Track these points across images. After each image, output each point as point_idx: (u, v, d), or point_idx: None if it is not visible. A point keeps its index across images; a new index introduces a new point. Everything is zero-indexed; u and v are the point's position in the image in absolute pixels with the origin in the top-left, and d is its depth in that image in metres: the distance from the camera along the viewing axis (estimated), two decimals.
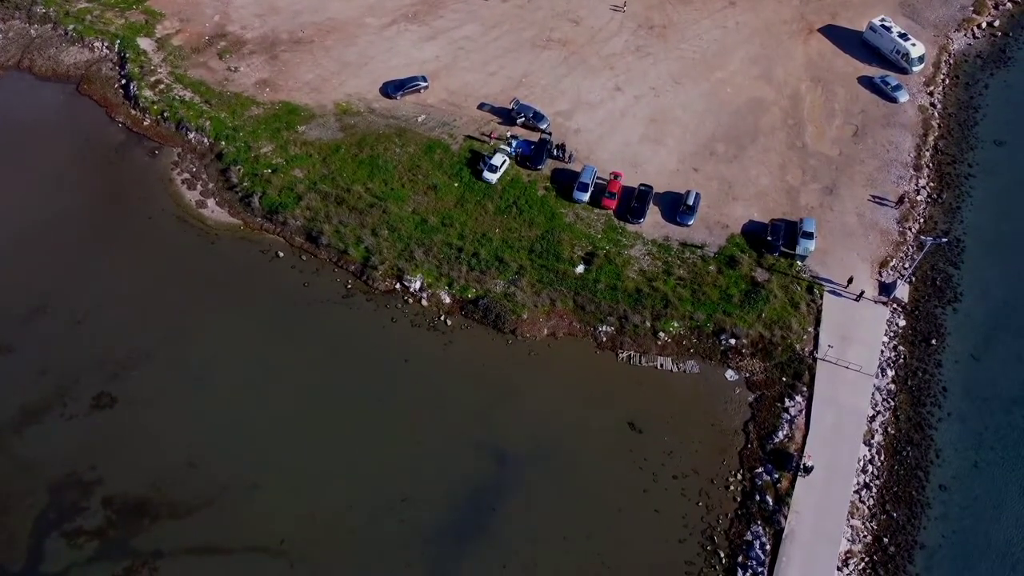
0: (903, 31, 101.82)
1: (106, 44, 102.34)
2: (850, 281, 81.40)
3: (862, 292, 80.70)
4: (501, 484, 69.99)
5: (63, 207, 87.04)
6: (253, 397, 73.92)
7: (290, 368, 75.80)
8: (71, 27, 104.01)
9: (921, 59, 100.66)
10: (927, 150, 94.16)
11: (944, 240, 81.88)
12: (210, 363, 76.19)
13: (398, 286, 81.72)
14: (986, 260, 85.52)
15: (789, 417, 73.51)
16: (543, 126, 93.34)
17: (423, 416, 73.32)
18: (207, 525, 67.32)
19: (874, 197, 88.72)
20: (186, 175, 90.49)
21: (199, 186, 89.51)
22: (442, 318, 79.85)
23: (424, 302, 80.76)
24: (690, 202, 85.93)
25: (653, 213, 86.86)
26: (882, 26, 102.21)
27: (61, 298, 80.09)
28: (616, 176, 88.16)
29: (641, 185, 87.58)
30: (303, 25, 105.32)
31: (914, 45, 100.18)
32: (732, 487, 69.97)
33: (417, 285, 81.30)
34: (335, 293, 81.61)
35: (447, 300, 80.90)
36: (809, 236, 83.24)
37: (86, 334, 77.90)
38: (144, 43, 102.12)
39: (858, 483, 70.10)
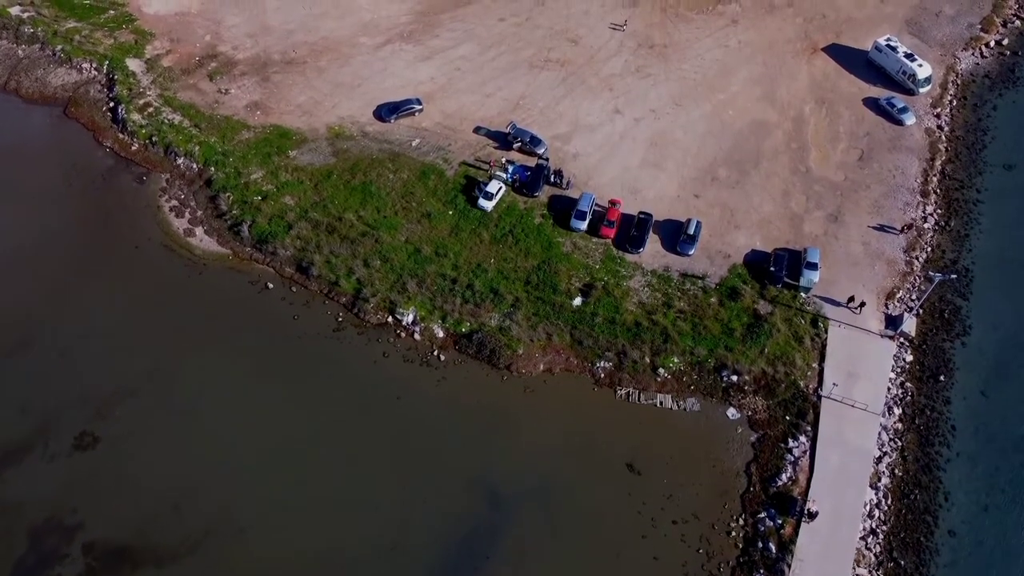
0: (909, 51, 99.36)
1: (94, 65, 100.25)
2: (851, 300, 79.55)
3: (863, 303, 78.85)
4: (495, 529, 67.72)
5: (48, 235, 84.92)
6: (240, 437, 71.74)
7: (279, 406, 73.58)
8: (59, 48, 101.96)
9: (928, 80, 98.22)
10: (934, 175, 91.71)
11: (953, 276, 79.28)
12: (196, 401, 73.99)
13: (390, 319, 79.48)
14: (996, 290, 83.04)
15: (793, 458, 71.15)
16: (540, 151, 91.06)
17: (415, 456, 71.14)
18: (192, 572, 65.10)
19: (880, 225, 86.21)
20: (174, 202, 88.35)
21: (187, 214, 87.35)
22: (435, 353, 77.60)
23: (417, 336, 78.53)
24: (691, 231, 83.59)
25: (653, 242, 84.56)
26: (888, 46, 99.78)
27: (44, 330, 78.08)
28: (615, 204, 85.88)
29: (641, 213, 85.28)
30: (296, 45, 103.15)
31: (921, 66, 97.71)
32: (734, 533, 67.65)
33: (410, 318, 79.06)
34: (326, 327, 79.40)
35: (440, 334, 78.63)
36: (813, 267, 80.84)
37: (69, 369, 75.77)
38: (133, 64, 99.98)
39: (864, 529, 67.75)
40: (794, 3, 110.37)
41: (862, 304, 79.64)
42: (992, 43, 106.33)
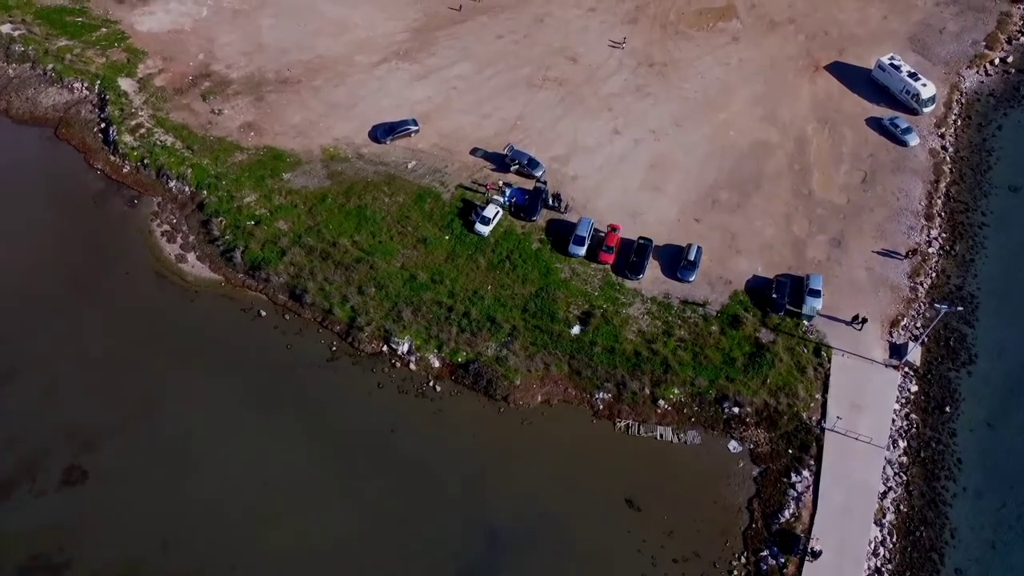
0: (913, 70, 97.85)
1: (86, 85, 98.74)
2: (855, 319, 78.48)
3: (864, 319, 77.85)
4: (491, 568, 66.25)
5: (36, 261, 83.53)
6: (231, 472, 70.29)
7: (271, 440, 72.13)
8: (50, 66, 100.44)
9: (932, 100, 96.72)
10: (939, 197, 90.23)
11: (959, 308, 77.72)
12: (186, 434, 72.54)
13: (385, 348, 77.99)
14: (1002, 317, 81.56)
15: (796, 494, 69.66)
16: (538, 173, 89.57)
17: (410, 492, 69.69)
18: None
19: (884, 250, 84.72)
20: (166, 227, 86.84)
21: (179, 239, 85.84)
22: (431, 383, 76.11)
23: (412, 366, 77.04)
24: (691, 257, 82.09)
25: (652, 268, 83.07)
26: (891, 65, 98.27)
27: (32, 361, 76.64)
28: (614, 229, 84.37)
29: (640, 238, 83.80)
30: (290, 64, 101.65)
31: (925, 85, 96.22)
32: (736, 572, 66.19)
33: (405, 348, 77.58)
34: (319, 356, 77.91)
35: (436, 364, 77.15)
36: (816, 294, 79.38)
37: (57, 400, 74.30)
38: (125, 84, 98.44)
39: (869, 567, 66.31)
40: (796, 20, 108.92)
41: (864, 320, 78.29)
42: (996, 60, 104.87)
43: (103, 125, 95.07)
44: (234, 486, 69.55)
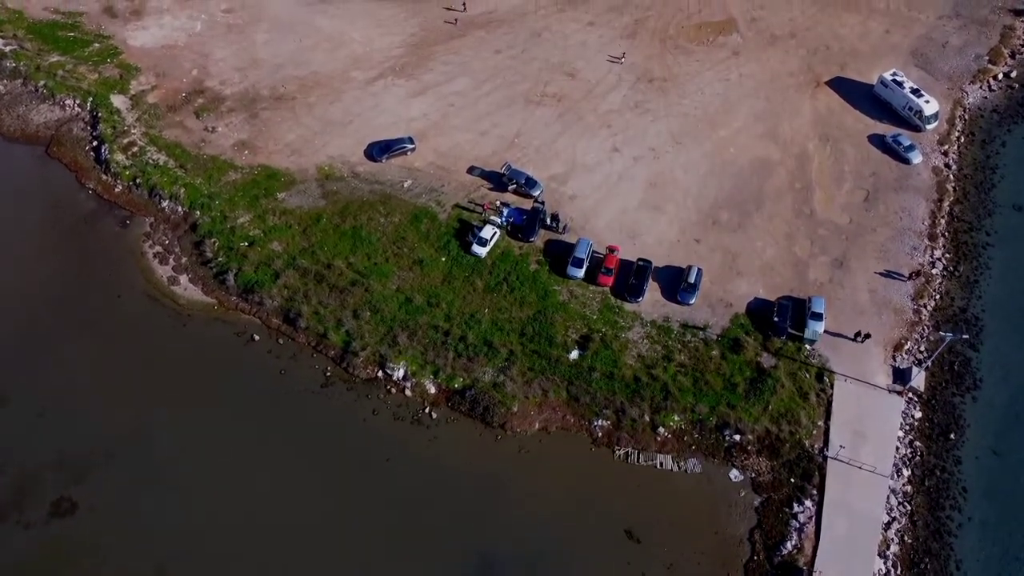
0: (915, 86, 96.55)
1: (78, 102, 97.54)
2: (858, 335, 77.67)
3: (868, 335, 77.15)
4: None
5: (26, 283, 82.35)
6: (224, 502, 69.09)
7: (264, 468, 70.92)
8: (42, 83, 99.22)
9: (935, 116, 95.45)
10: (942, 217, 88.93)
11: (964, 337, 76.41)
12: (178, 462, 71.30)
13: (380, 374, 76.72)
14: (1007, 340, 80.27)
15: (798, 524, 68.42)
16: (536, 193, 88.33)
17: (405, 523, 68.46)
18: None
19: (887, 271, 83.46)
20: (158, 248, 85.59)
21: (172, 260, 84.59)
22: (427, 410, 74.87)
23: (408, 392, 75.80)
24: (692, 279, 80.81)
25: (652, 290, 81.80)
26: (893, 80, 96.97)
27: (21, 387, 75.34)
28: (613, 250, 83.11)
29: (639, 260, 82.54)
30: (285, 80, 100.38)
31: (927, 102, 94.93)
32: None
33: (400, 373, 76.32)
34: (313, 382, 76.66)
35: (432, 390, 75.90)
36: (818, 317, 78.10)
37: (47, 429, 73.17)
38: (118, 101, 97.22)
39: None
40: (797, 34, 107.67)
41: (867, 336, 77.32)
42: (1000, 75, 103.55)
43: (95, 143, 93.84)
44: (226, 517, 68.32)
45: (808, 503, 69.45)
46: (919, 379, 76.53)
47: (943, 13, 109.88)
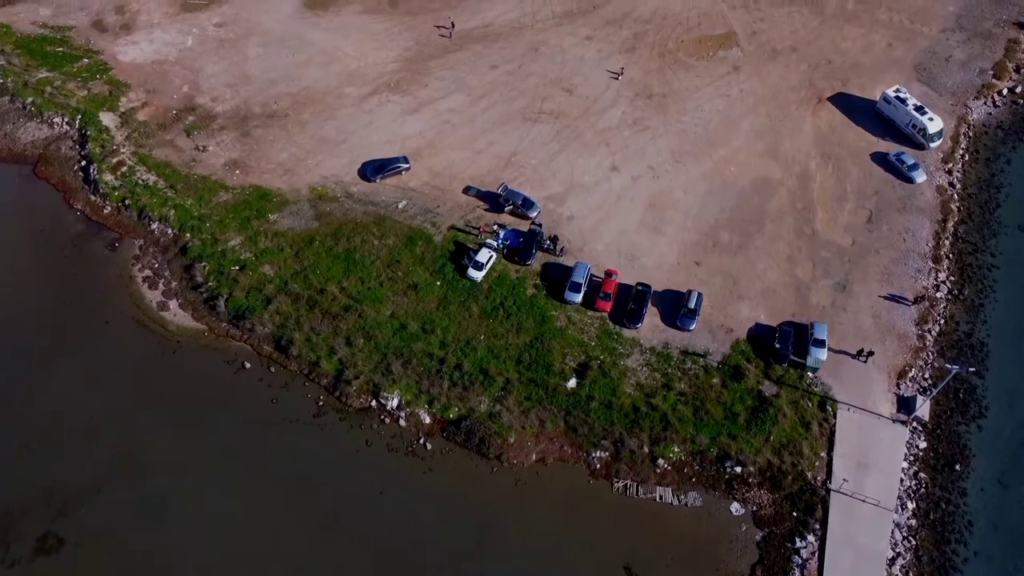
0: (919, 103, 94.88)
1: (66, 119, 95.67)
2: (860, 352, 76.56)
3: (871, 352, 76.03)
4: None
5: (12, 308, 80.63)
6: (214, 534, 67.47)
7: (255, 501, 69.37)
8: (30, 100, 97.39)
9: (939, 134, 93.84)
10: (947, 238, 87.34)
11: (972, 370, 74.81)
12: (167, 496, 69.73)
13: (374, 403, 75.13)
14: (1013, 366, 78.73)
15: (800, 560, 66.96)
16: (533, 214, 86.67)
17: (399, 559, 66.92)
18: None
19: (891, 295, 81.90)
20: (147, 272, 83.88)
21: (161, 284, 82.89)
22: (421, 441, 73.31)
23: (402, 422, 74.21)
24: (692, 305, 79.20)
25: (651, 315, 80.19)
26: (897, 98, 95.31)
27: (5, 418, 73.59)
28: (611, 275, 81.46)
29: (638, 284, 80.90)
30: (278, 96, 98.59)
31: (931, 120, 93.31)
32: None
33: (394, 403, 74.74)
34: (305, 411, 75.06)
35: (427, 420, 74.33)
36: (820, 344, 76.51)
37: (32, 461, 71.49)
38: (107, 118, 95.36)
39: None
40: (798, 48, 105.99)
41: (870, 353, 76.14)
42: (1005, 90, 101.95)
43: (83, 163, 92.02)
44: (216, 552, 66.73)
45: (811, 538, 67.99)
46: (923, 408, 74.95)
47: (946, 26, 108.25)
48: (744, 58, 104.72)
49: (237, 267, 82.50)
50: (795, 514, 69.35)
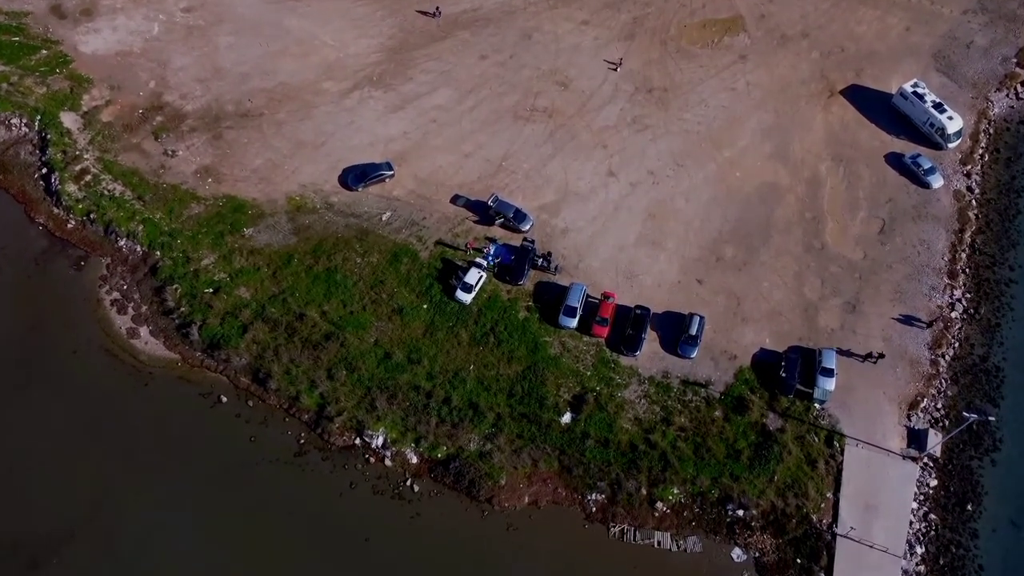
0: (938, 99, 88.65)
1: (25, 121, 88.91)
2: (869, 355, 73.84)
3: (882, 355, 73.40)
4: None
5: None
6: None
7: (233, 547, 66.30)
8: None
9: (959, 134, 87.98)
10: (963, 250, 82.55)
11: (991, 419, 70.73)
12: (142, 541, 66.51)
13: (358, 441, 71.33)
14: None
15: None
16: (526, 228, 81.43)
17: None
18: None
19: (904, 316, 77.57)
20: (116, 294, 78.84)
21: (131, 309, 77.98)
22: (408, 483, 69.80)
23: (388, 462, 70.56)
24: (693, 331, 74.80)
25: (651, 340, 75.91)
26: (914, 93, 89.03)
27: None
28: (608, 297, 76.77)
29: (637, 307, 76.33)
30: (251, 92, 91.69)
31: (951, 118, 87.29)
32: None
33: (380, 441, 70.98)
34: (286, 450, 71.29)
35: (414, 460, 70.68)
36: (828, 373, 72.54)
37: None
38: (68, 119, 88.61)
39: None
40: (809, 33, 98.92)
41: (880, 355, 73.15)
42: None
43: (44, 170, 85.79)
44: None
45: None
46: (934, 443, 71.45)
47: (968, 7, 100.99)
48: (751, 45, 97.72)
49: (211, 290, 77.51)
50: (799, 560, 66.57)
